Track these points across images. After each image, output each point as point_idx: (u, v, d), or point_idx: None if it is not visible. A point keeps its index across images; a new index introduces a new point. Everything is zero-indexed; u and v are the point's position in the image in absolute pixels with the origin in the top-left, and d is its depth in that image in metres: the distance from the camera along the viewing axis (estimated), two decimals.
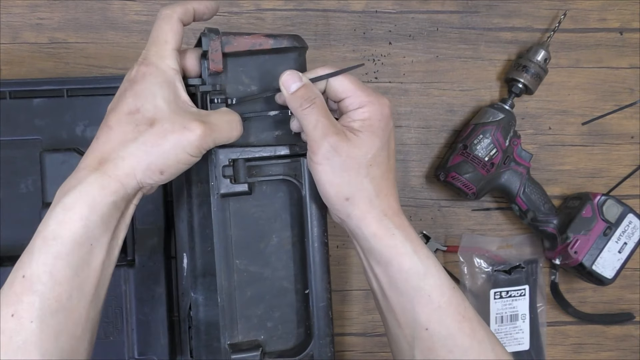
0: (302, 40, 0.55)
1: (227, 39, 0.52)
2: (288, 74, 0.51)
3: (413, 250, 0.51)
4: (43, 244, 0.45)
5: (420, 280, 0.51)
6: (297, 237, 0.56)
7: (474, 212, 0.81)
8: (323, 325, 0.55)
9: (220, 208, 0.54)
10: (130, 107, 0.47)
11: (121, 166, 0.46)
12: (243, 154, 0.53)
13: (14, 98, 0.64)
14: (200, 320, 0.56)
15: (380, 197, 0.51)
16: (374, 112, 0.51)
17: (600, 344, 0.83)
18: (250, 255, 0.55)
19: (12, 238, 0.64)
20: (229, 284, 0.54)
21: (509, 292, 0.80)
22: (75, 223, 0.45)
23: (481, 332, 0.52)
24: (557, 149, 0.82)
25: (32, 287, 0.44)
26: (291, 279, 0.56)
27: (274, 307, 0.55)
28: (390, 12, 0.79)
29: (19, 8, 0.74)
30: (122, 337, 0.64)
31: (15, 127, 0.64)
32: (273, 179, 0.55)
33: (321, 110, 0.50)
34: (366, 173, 0.50)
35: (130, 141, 0.47)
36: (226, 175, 0.53)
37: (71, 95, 0.65)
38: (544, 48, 0.77)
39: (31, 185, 0.65)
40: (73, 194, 0.45)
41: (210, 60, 0.51)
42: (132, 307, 0.63)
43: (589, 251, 0.76)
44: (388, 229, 0.51)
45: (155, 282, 0.64)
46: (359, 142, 0.50)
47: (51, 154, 0.63)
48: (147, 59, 0.49)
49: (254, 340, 0.55)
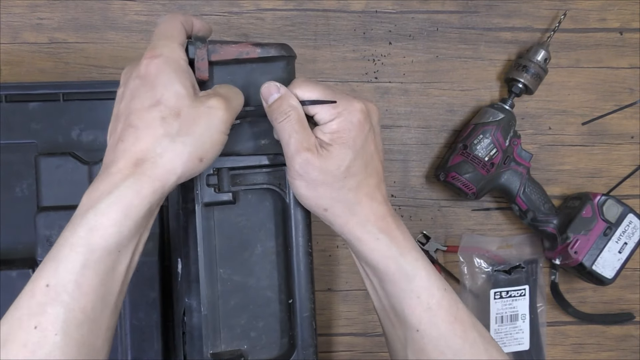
0: (290, 49, 0.55)
1: (214, 47, 0.52)
2: (266, 86, 0.51)
3: (399, 253, 0.51)
4: (70, 251, 0.42)
5: (408, 283, 0.51)
6: (281, 246, 0.56)
7: (474, 212, 0.81)
8: (307, 335, 0.55)
9: (204, 217, 0.54)
10: (151, 100, 0.45)
11: (161, 164, 0.45)
12: (227, 162, 0.53)
13: (10, 102, 0.64)
14: (194, 325, 0.56)
15: (362, 204, 0.51)
16: (342, 123, 0.50)
17: (600, 344, 0.83)
18: (234, 264, 0.55)
19: (7, 242, 0.64)
20: (213, 293, 0.54)
21: (509, 292, 0.80)
22: (108, 229, 0.43)
23: (473, 333, 0.52)
24: (557, 149, 0.82)
25: (58, 297, 0.42)
26: (275, 288, 0.56)
27: (258, 317, 0.55)
28: (390, 12, 0.79)
29: (19, 8, 0.74)
30: (116, 342, 0.63)
31: (10, 131, 0.64)
32: (257, 187, 0.55)
33: (295, 123, 0.49)
34: (342, 185, 0.50)
35: (163, 136, 0.45)
36: (210, 184, 0.53)
37: (67, 99, 0.65)
38: (544, 48, 0.77)
39: (26, 189, 0.64)
40: (108, 199, 0.43)
41: (196, 69, 0.51)
42: (126, 312, 0.63)
43: (589, 251, 0.76)
44: (372, 234, 0.51)
45: (150, 287, 0.63)
46: (329, 156, 0.49)
47: (46, 158, 0.63)
48: (156, 52, 0.47)
49: (236, 350, 0.54)
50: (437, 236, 0.80)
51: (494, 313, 0.79)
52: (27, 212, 0.63)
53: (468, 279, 0.79)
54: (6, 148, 0.64)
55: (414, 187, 0.80)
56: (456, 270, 0.80)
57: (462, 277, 0.79)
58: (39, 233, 0.62)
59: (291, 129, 0.49)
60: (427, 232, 0.80)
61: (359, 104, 0.51)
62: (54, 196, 0.63)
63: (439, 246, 0.80)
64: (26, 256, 0.63)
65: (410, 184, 0.80)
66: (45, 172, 0.63)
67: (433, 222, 0.81)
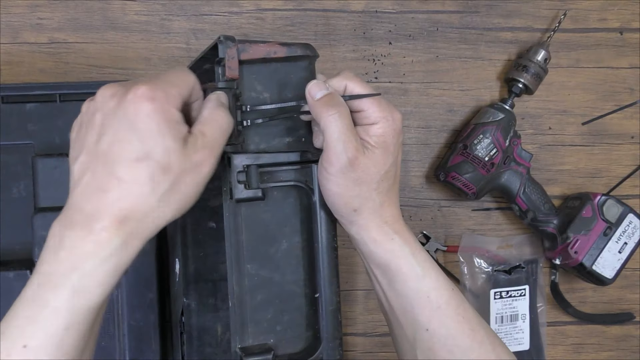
0: (313, 49, 0.56)
1: (243, 46, 0.52)
2: (314, 83, 0.51)
3: (411, 253, 0.52)
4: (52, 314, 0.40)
5: (418, 282, 0.52)
6: (306, 242, 0.56)
7: (474, 212, 0.81)
8: (332, 328, 0.55)
9: (232, 213, 0.54)
10: (138, 153, 0.42)
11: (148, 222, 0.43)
12: (256, 160, 0.54)
13: (7, 103, 0.64)
14: (192, 325, 0.56)
15: (384, 207, 0.52)
16: (388, 128, 0.51)
17: (600, 344, 0.83)
18: (261, 259, 0.55)
19: (5, 243, 0.64)
20: (240, 288, 0.54)
21: (509, 292, 0.80)
22: (95, 291, 0.41)
23: (481, 332, 0.53)
24: (557, 149, 0.82)
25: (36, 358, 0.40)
26: (300, 283, 0.56)
27: (284, 311, 0.56)
28: (390, 12, 0.79)
29: (19, 8, 0.74)
30: (114, 343, 0.63)
31: (7, 132, 0.64)
32: (285, 184, 0.55)
33: (345, 120, 0.50)
34: (376, 187, 0.51)
35: (149, 195, 0.42)
36: (240, 181, 0.53)
37: (64, 100, 0.65)
38: (544, 48, 0.77)
39: (23, 190, 0.64)
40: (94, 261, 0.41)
41: (227, 68, 0.51)
42: (123, 312, 0.63)
43: (589, 251, 0.76)
44: (387, 235, 0.52)
45: (147, 288, 0.63)
46: (374, 158, 0.50)
47: (43, 159, 0.63)
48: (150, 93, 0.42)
49: (264, 344, 0.55)
50: (437, 236, 0.80)
51: (494, 313, 0.79)
52: (24, 213, 0.63)
53: (468, 279, 0.79)
54: (3, 149, 0.64)
55: (414, 187, 0.80)
56: (456, 270, 0.80)
57: (462, 277, 0.79)
58: (36, 234, 0.62)
59: (342, 125, 0.49)
60: (427, 232, 0.80)
61: (398, 114, 0.52)
62: (51, 197, 0.63)
63: (439, 246, 0.80)
64: (23, 257, 0.63)
65: (411, 184, 0.80)
66: (42, 173, 0.63)
67: (433, 222, 0.81)
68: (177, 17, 0.76)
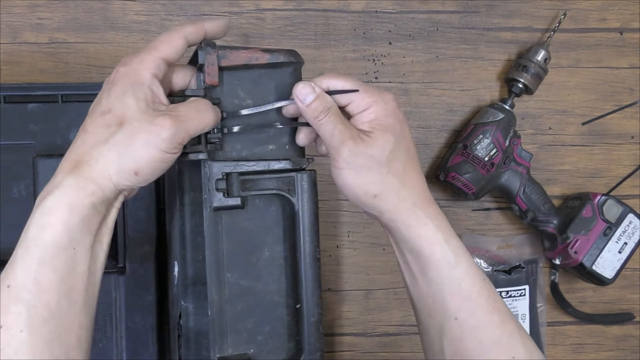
0: (298, 56, 0.55)
1: (224, 52, 0.52)
2: (302, 86, 0.52)
3: (444, 239, 0.52)
4: (25, 251, 0.44)
5: (451, 270, 0.52)
6: (288, 251, 0.56)
7: (474, 212, 0.81)
8: (314, 340, 0.55)
9: (212, 221, 0.54)
10: (103, 108, 0.47)
11: (95, 168, 0.46)
12: (237, 167, 0.53)
13: (9, 103, 0.64)
14: (190, 329, 0.56)
15: (407, 189, 0.52)
16: (379, 110, 0.52)
17: (600, 344, 0.83)
18: (241, 268, 0.55)
19: (5, 243, 0.63)
20: (220, 297, 0.54)
21: (509, 292, 0.80)
22: (56, 227, 0.44)
23: (511, 325, 0.52)
24: (557, 149, 0.82)
25: (18, 295, 0.43)
26: (282, 293, 0.56)
27: (265, 321, 0.55)
28: (390, 12, 0.79)
29: (19, 8, 0.74)
30: (111, 345, 0.63)
31: (9, 132, 0.64)
32: (266, 193, 0.55)
33: (336, 117, 0.51)
34: (388, 169, 0.52)
35: (102, 143, 0.46)
36: (219, 189, 0.53)
37: (65, 100, 0.65)
38: (544, 48, 0.77)
39: (24, 190, 0.64)
40: (51, 197, 0.45)
41: (206, 74, 0.51)
42: (121, 314, 0.63)
43: (589, 251, 0.76)
44: (419, 219, 0.52)
45: (146, 290, 0.63)
46: (373, 142, 0.51)
47: (44, 160, 0.63)
48: (126, 61, 0.48)
49: (244, 354, 0.55)
50: None
51: None
52: (24, 213, 0.63)
53: None
54: (4, 149, 0.64)
55: None
56: None
57: None
58: None
59: (334, 123, 0.51)
60: None
61: (388, 94, 0.53)
62: None
63: None
64: None
65: None
66: (43, 173, 0.62)
67: None
68: (177, 17, 0.76)
